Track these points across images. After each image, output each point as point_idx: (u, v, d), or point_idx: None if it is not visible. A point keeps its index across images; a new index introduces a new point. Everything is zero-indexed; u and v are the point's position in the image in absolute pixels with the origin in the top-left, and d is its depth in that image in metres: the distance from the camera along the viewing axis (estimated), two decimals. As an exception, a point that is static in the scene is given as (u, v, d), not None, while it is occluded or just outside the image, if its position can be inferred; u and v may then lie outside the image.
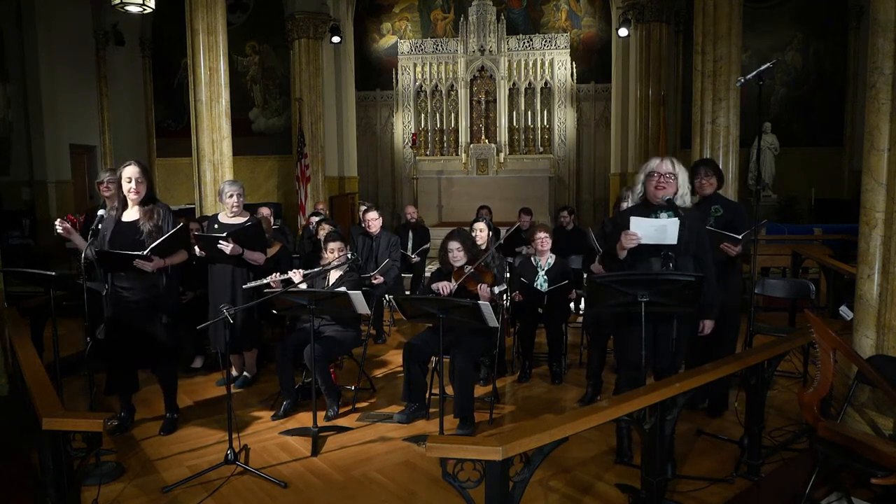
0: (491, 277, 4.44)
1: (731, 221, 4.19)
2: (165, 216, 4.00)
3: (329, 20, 12.62)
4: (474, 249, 4.57)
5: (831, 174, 12.41)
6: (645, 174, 3.48)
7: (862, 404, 3.31)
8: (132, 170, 3.94)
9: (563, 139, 13.98)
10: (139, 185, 3.93)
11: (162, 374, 4.24)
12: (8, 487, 3.44)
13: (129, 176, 3.92)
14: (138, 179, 3.92)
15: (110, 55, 13.51)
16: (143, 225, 3.92)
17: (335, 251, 4.68)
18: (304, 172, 12.04)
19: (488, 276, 4.43)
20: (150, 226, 3.92)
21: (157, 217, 3.96)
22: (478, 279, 4.39)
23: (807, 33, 12.64)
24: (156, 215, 3.96)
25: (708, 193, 4.32)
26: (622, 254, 3.39)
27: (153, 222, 3.93)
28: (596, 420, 2.70)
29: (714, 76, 6.16)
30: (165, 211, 4.03)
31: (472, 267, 4.39)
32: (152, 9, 8.55)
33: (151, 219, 3.94)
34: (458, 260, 4.47)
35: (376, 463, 3.76)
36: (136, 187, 3.92)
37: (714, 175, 4.30)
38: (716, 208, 4.27)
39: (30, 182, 11.92)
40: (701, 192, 4.34)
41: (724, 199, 4.40)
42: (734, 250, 4.06)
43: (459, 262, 4.47)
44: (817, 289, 5.60)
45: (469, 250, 4.50)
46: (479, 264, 4.43)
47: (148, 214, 3.95)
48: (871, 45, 3.19)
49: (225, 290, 4.72)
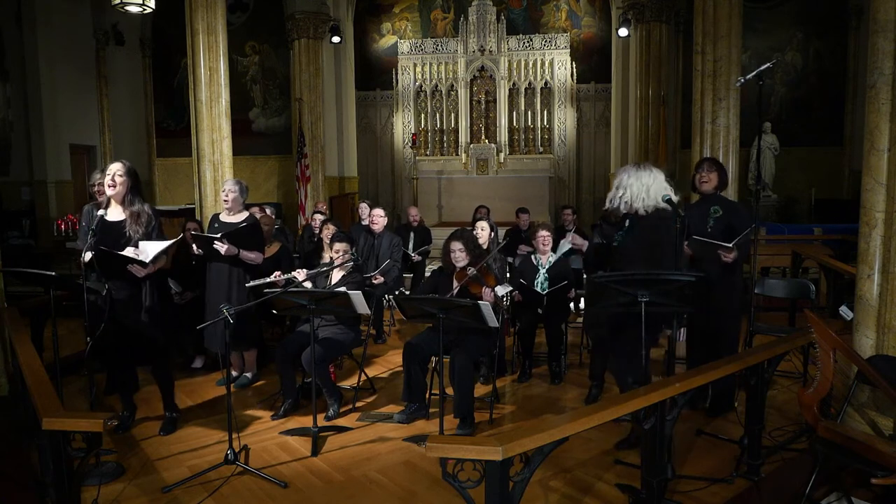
0: (493, 279, 4.43)
1: (730, 224, 4.09)
2: (154, 222, 3.98)
3: (329, 20, 12.62)
4: (476, 251, 4.56)
5: (831, 174, 12.41)
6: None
7: (862, 404, 3.31)
8: (114, 166, 3.96)
9: (562, 139, 13.98)
10: (118, 178, 3.90)
11: (156, 374, 4.24)
12: (8, 487, 3.44)
13: (111, 171, 3.93)
14: (118, 173, 3.91)
15: (110, 55, 13.51)
16: (129, 228, 3.90)
17: (341, 252, 4.68)
18: (304, 172, 12.04)
19: (490, 279, 4.42)
20: (140, 233, 3.90)
21: (145, 223, 3.93)
22: (480, 281, 4.37)
23: (807, 33, 12.63)
24: (143, 220, 3.93)
25: (706, 192, 4.23)
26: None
27: (142, 228, 3.91)
28: (596, 420, 2.69)
29: (714, 76, 6.15)
30: (153, 215, 4.01)
31: (474, 269, 4.37)
32: (152, 9, 8.54)
33: (138, 223, 3.91)
34: (461, 261, 4.46)
35: (376, 463, 3.76)
36: (111, 180, 3.89)
37: (715, 171, 4.19)
38: (715, 209, 4.18)
39: (30, 182, 11.93)
40: (699, 190, 4.27)
41: (724, 200, 4.30)
42: (728, 257, 3.96)
43: (462, 262, 4.46)
44: (817, 289, 5.60)
45: (471, 251, 4.48)
46: (481, 266, 4.41)
47: (135, 217, 3.93)
48: (871, 45, 3.19)
49: (221, 289, 4.71)
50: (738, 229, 4.03)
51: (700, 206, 4.30)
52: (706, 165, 4.24)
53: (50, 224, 10.97)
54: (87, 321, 3.77)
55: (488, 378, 4.91)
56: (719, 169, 4.24)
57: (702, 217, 4.19)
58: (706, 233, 4.09)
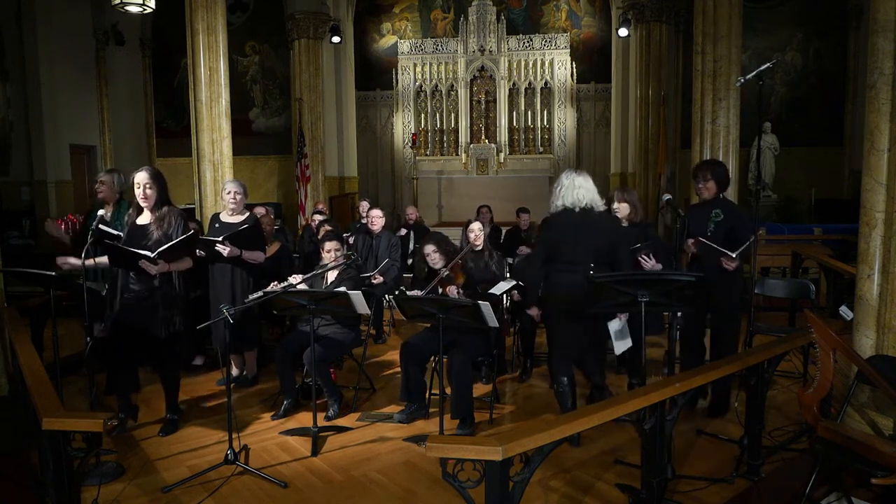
0: (462, 277, 4.47)
1: (732, 229, 4.09)
2: (176, 223, 4.02)
3: (329, 20, 12.62)
4: (449, 249, 4.59)
5: (831, 174, 12.41)
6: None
7: (862, 404, 3.31)
8: (141, 176, 4.02)
9: (563, 139, 13.98)
10: (148, 191, 4.00)
11: (165, 375, 4.24)
12: (8, 487, 3.44)
13: (139, 182, 3.99)
14: (147, 185, 3.99)
15: (110, 55, 13.50)
16: (152, 230, 3.96)
17: (331, 251, 4.71)
18: (304, 172, 12.04)
19: (460, 277, 4.46)
20: (160, 233, 3.96)
21: (168, 224, 3.99)
22: (450, 280, 4.42)
23: (807, 33, 12.63)
24: (166, 222, 4.00)
25: (706, 198, 4.22)
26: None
27: (162, 230, 3.97)
28: (596, 420, 2.69)
29: (714, 76, 6.15)
30: (177, 217, 4.06)
31: (446, 269, 4.42)
32: (152, 9, 8.54)
33: (161, 226, 3.98)
34: (437, 262, 4.49)
35: (376, 463, 3.76)
36: (144, 192, 4.00)
37: (712, 180, 4.14)
38: (716, 213, 4.15)
39: (30, 182, 11.93)
40: (700, 197, 4.28)
41: (726, 204, 4.25)
42: (730, 265, 3.96)
43: (438, 264, 4.49)
44: (817, 289, 5.60)
45: (444, 252, 4.52)
46: (452, 264, 4.45)
47: (158, 221, 3.99)
48: (871, 45, 3.19)
49: (225, 289, 4.76)
50: (739, 235, 4.02)
51: (702, 208, 4.29)
52: (702, 174, 4.18)
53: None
54: (87, 321, 3.78)
55: (488, 378, 4.91)
56: (716, 174, 4.17)
57: (702, 220, 4.19)
58: (706, 236, 4.09)
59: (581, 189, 3.88)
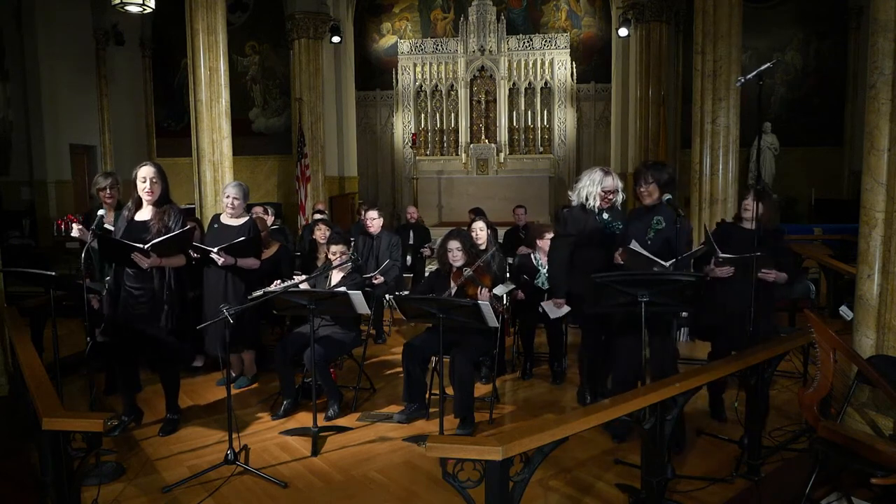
0: (489, 279, 4.41)
1: (668, 240, 3.77)
2: (176, 219, 3.99)
3: (329, 20, 12.61)
4: (473, 250, 4.55)
5: (831, 174, 12.41)
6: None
7: (862, 404, 3.31)
8: (147, 170, 3.97)
9: (562, 139, 13.98)
10: (153, 186, 3.96)
11: (165, 376, 4.24)
12: (8, 487, 3.44)
13: (144, 176, 3.95)
14: (153, 179, 3.95)
15: (110, 55, 13.51)
16: (153, 225, 3.94)
17: (338, 254, 4.69)
18: (304, 172, 12.03)
19: (486, 279, 4.40)
20: (159, 227, 3.93)
21: (168, 219, 3.96)
22: (477, 282, 4.36)
23: (807, 33, 12.63)
24: (166, 217, 3.96)
25: (649, 204, 3.82)
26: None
27: (162, 224, 3.94)
28: (596, 420, 2.70)
29: (714, 76, 6.15)
30: (177, 214, 4.03)
31: (470, 269, 4.36)
32: (152, 9, 8.55)
33: (161, 220, 3.95)
34: (458, 260, 4.45)
35: (376, 463, 3.76)
36: (150, 187, 3.95)
37: (653, 183, 3.73)
38: (658, 220, 3.79)
39: (30, 182, 11.93)
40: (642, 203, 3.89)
41: (669, 213, 3.77)
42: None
43: (458, 262, 4.44)
44: (817, 289, 5.61)
45: (468, 251, 4.47)
46: (477, 266, 4.40)
47: (159, 216, 3.96)
48: (871, 45, 3.19)
49: (218, 292, 4.71)
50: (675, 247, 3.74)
51: (644, 215, 3.89)
52: (644, 177, 3.77)
53: (50, 224, 10.99)
54: (87, 321, 3.77)
55: (489, 378, 4.91)
56: (658, 177, 3.75)
57: (643, 227, 3.86)
58: (645, 245, 3.74)
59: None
